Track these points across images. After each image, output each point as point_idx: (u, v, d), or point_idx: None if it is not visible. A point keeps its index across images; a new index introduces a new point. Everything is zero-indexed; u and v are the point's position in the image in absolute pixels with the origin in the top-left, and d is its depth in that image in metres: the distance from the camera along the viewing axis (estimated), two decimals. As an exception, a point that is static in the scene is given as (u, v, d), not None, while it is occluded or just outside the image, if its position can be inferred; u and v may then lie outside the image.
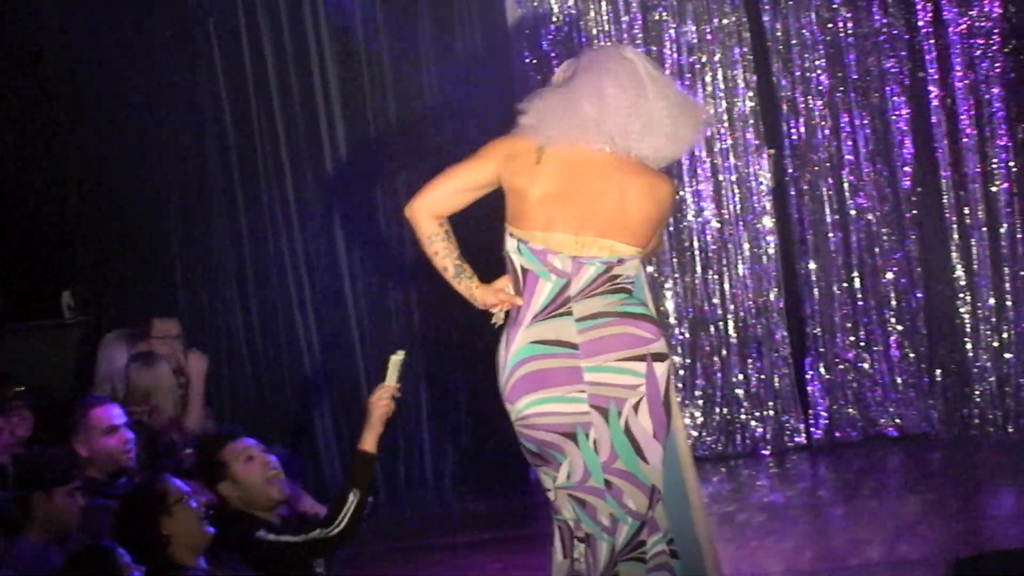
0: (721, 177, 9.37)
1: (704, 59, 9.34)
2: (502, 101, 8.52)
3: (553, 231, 4.64)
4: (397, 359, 5.57)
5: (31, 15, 9.50)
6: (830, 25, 9.21)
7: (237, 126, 9.47)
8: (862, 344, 9.28)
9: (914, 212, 9.19)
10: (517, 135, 4.70)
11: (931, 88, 9.06)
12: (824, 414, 9.28)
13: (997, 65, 8.99)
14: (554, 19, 9.33)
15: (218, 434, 6.49)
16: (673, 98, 4.71)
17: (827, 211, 9.28)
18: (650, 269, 8.98)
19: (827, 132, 9.25)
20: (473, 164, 4.74)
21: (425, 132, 9.34)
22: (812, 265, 9.32)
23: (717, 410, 9.36)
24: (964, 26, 9.01)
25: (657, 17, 9.34)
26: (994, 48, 8.98)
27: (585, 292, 4.66)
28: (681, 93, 4.82)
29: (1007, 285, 9.06)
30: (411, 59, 9.41)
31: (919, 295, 9.20)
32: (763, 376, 9.33)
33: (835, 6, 9.19)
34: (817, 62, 9.23)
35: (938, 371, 9.14)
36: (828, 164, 9.27)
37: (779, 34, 9.26)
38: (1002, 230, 9.04)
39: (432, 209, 4.73)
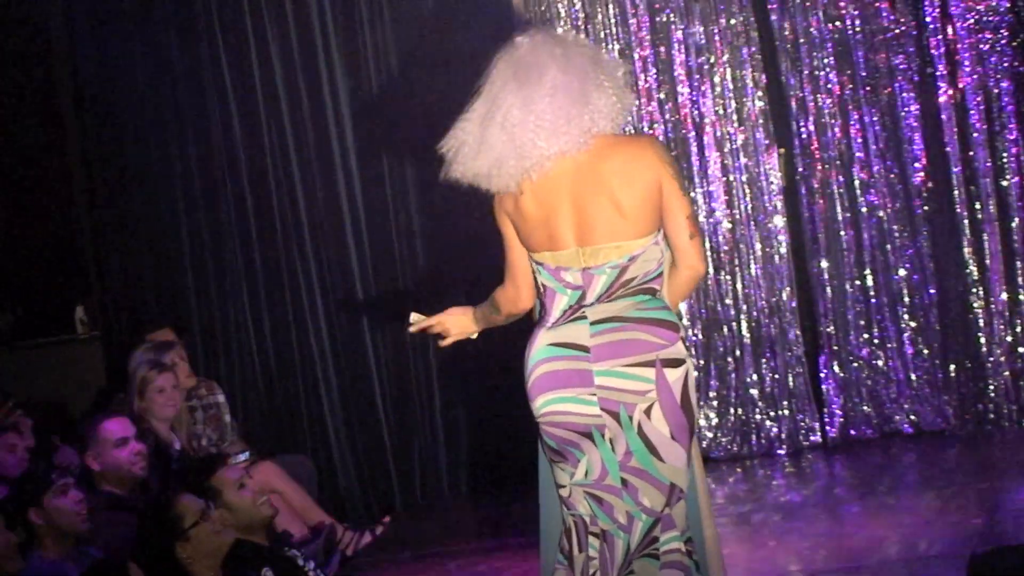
0: (732, 177, 9.37)
1: (712, 60, 9.34)
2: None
3: (558, 248, 4.65)
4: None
5: (40, 23, 9.52)
6: (838, 23, 9.20)
7: (247, 139, 9.46)
8: (876, 341, 9.26)
9: (925, 208, 9.18)
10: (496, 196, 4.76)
11: (940, 84, 9.06)
12: (839, 412, 9.27)
13: (1005, 59, 8.98)
14: (562, 22, 9.33)
15: (210, 459, 6.49)
16: (564, 80, 4.55)
17: (838, 209, 9.27)
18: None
19: (837, 130, 9.25)
20: (505, 239, 4.80)
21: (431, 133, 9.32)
22: (824, 263, 9.30)
23: (732, 411, 9.36)
24: (972, 21, 9.00)
25: (664, 19, 9.34)
26: (1002, 42, 8.98)
27: (601, 299, 4.66)
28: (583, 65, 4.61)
29: (1020, 279, 9.05)
30: (414, 53, 9.41)
31: (932, 291, 9.18)
32: (777, 376, 9.32)
33: (842, 4, 9.18)
34: (826, 60, 9.22)
35: (952, 367, 9.13)
36: (838, 162, 9.26)
37: (787, 33, 9.25)
38: (1013, 224, 9.04)
39: (521, 291, 4.84)
